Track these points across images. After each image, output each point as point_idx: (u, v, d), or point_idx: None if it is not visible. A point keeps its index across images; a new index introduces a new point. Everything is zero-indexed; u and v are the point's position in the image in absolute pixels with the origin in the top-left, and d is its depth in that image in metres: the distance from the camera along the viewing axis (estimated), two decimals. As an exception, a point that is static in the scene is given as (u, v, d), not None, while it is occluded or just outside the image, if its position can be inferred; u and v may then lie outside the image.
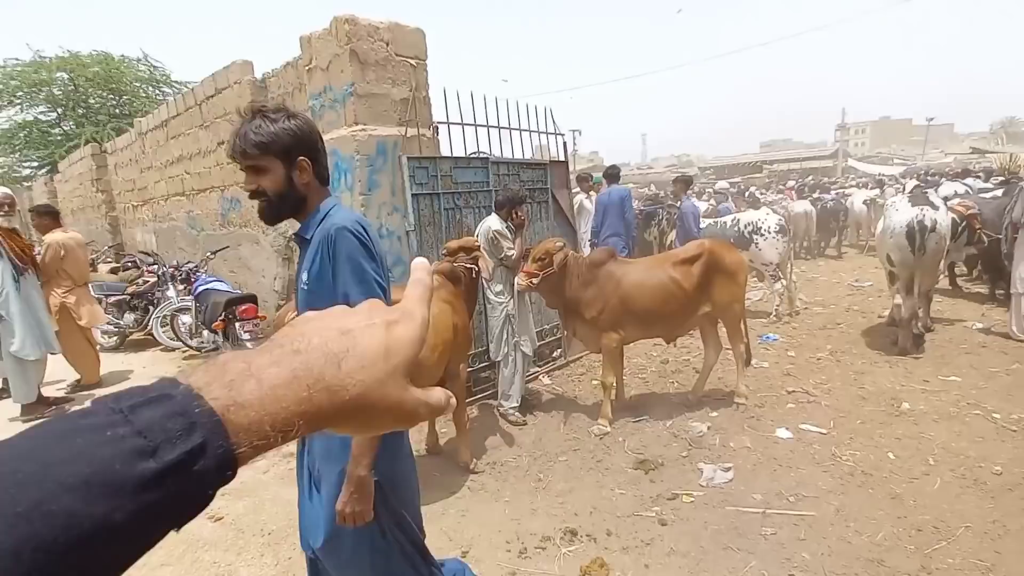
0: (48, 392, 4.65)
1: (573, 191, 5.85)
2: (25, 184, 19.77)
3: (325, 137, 3.72)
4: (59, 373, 5.03)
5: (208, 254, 5.93)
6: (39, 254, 4.63)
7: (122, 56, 19.19)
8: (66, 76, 17.91)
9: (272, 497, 2.96)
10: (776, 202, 12.03)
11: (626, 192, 5.46)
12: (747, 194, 11.20)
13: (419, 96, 3.68)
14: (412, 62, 3.66)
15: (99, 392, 4.69)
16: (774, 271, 5.82)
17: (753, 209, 6.88)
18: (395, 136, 3.54)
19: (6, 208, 4.35)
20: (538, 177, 4.61)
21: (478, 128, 4.03)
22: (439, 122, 3.87)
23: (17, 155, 19.20)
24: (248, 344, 4.44)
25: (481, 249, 3.31)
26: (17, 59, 17.80)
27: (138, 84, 19.06)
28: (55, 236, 4.78)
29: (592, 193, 6.77)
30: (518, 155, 4.55)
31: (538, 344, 4.03)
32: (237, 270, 6.01)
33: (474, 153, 4.14)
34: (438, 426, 3.50)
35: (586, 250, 5.71)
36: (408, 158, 3.58)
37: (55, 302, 4.72)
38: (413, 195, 3.63)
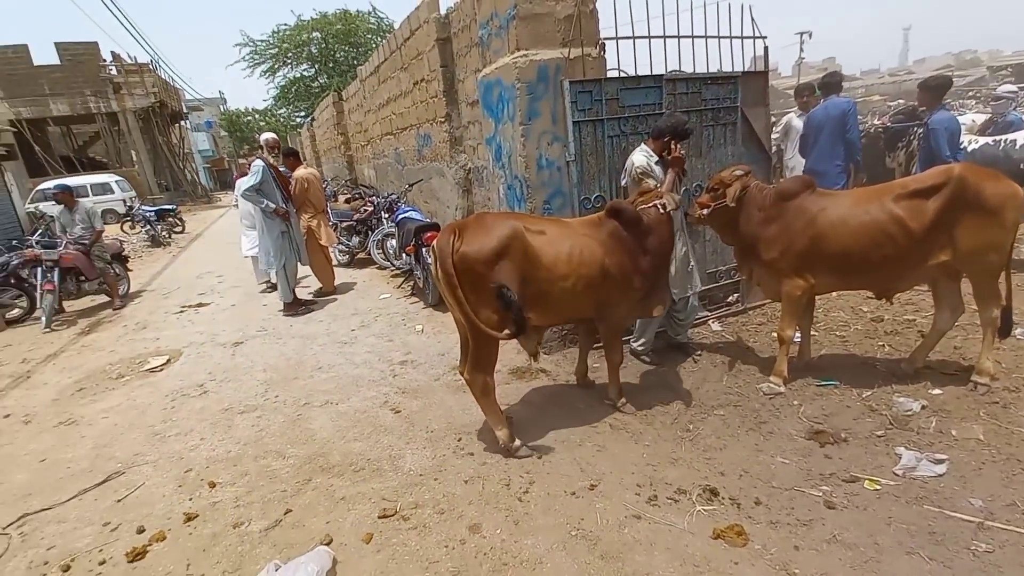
0: (301, 295, 6.01)
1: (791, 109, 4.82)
2: (297, 131, 24.82)
3: (490, 67, 3.78)
4: (309, 282, 6.46)
5: (407, 186, 6.72)
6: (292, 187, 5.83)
7: (357, 11, 22.01)
8: (319, 35, 21.38)
9: (438, 401, 3.40)
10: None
11: (848, 105, 4.31)
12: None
13: (584, 11, 3.38)
14: (579, -30, 3.35)
15: (338, 297, 5.82)
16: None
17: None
18: (557, 59, 3.36)
19: (276, 150, 5.54)
20: (726, 94, 3.93)
21: (652, 40, 3.56)
22: (606, 38, 3.53)
23: (291, 107, 24.02)
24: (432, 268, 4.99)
25: (649, 185, 3.05)
26: (286, 24, 21.76)
27: (369, 36, 21.77)
28: (300, 172, 5.94)
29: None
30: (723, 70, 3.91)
31: (691, 291, 3.61)
32: (429, 200, 6.71)
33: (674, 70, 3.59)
34: (592, 359, 3.51)
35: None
36: (571, 82, 3.38)
37: (303, 226, 5.95)
38: (575, 123, 3.45)
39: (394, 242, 6.57)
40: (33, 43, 24.12)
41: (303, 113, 23.52)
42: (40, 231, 7.88)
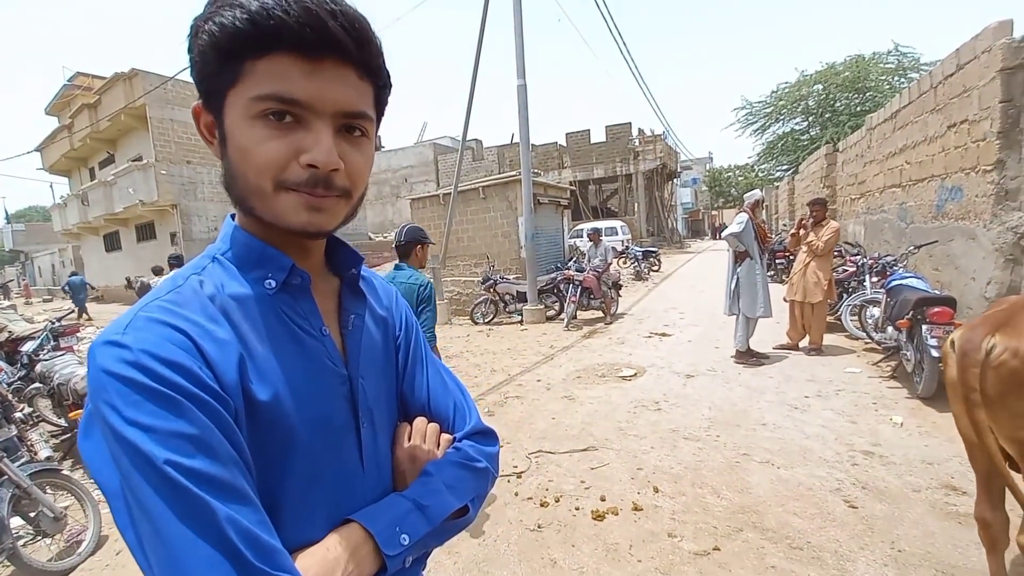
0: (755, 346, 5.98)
1: None
2: (775, 184, 24.65)
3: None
4: (765, 335, 6.34)
5: (911, 248, 5.56)
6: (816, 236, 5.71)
7: (873, 53, 19.82)
8: (820, 87, 20.51)
9: (914, 519, 2.72)
10: None
11: None
12: None
13: None
14: None
15: (791, 356, 5.46)
16: None
17: None
18: None
19: (760, 207, 5.78)
20: None
21: None
22: None
23: (774, 161, 24.08)
24: (933, 351, 3.98)
25: None
26: (787, 82, 21.93)
27: (883, 78, 19.20)
28: (836, 223, 5.76)
29: None
30: None
31: None
32: (942, 268, 5.32)
33: None
34: None
35: None
36: None
37: (827, 277, 5.65)
38: None
39: (876, 311, 5.59)
40: (593, 127, 33.84)
41: (785, 167, 23.08)
42: (574, 259, 11.05)
